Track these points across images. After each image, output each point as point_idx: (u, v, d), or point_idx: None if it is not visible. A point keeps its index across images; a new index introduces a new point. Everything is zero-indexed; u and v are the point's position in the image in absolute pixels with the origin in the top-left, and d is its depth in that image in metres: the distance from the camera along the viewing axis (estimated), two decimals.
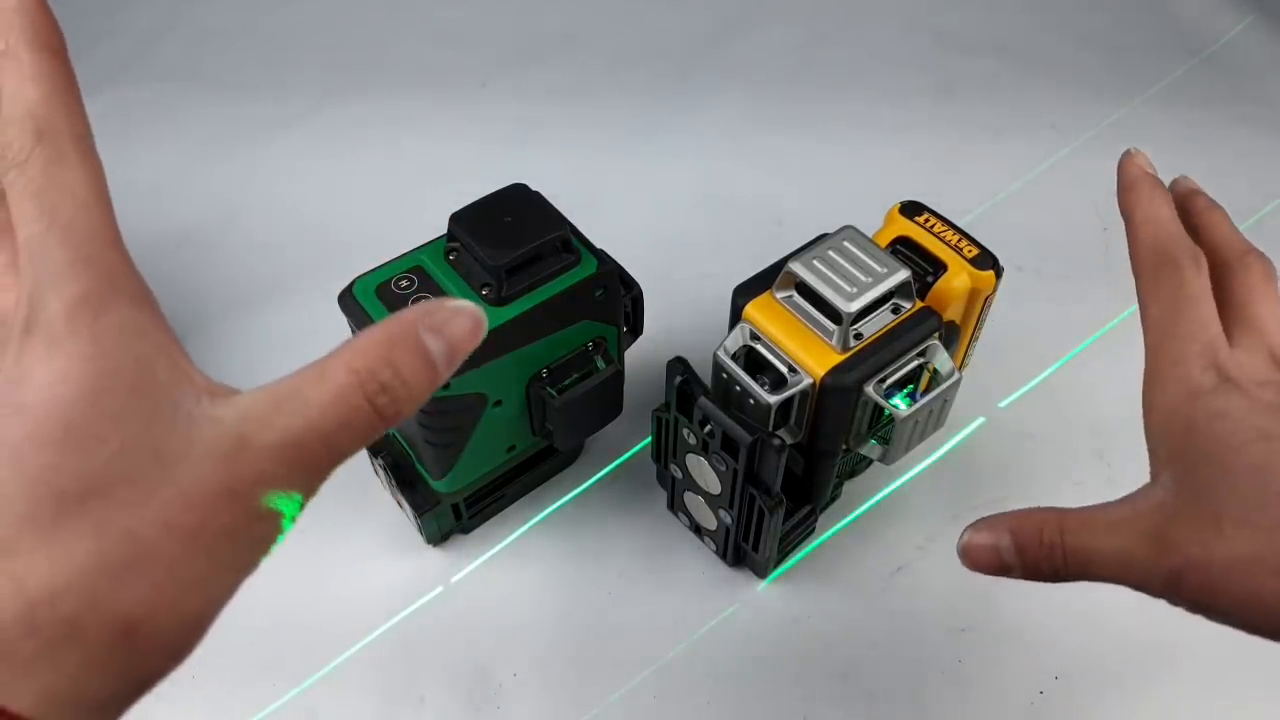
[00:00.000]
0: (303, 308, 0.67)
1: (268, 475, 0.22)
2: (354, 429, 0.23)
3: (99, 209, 0.23)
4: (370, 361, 0.23)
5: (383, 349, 0.23)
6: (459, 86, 0.88)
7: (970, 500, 0.58)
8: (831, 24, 0.95)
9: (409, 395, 0.24)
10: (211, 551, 0.21)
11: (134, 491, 0.20)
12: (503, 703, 0.50)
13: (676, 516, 0.56)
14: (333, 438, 0.23)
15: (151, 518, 0.20)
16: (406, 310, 0.24)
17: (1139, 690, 0.50)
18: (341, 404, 0.23)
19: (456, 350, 0.24)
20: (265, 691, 0.50)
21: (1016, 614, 0.53)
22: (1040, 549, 0.30)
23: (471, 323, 0.25)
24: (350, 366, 0.23)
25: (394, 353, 0.23)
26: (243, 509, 0.22)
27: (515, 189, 0.47)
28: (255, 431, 0.22)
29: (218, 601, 0.22)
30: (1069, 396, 0.62)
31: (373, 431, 0.23)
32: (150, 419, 0.21)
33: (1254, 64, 0.88)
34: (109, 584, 0.20)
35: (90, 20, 0.97)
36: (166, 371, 0.22)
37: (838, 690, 0.50)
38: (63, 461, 0.20)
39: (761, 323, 0.46)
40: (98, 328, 0.21)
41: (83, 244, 0.22)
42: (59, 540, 0.20)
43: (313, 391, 0.23)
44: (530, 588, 0.54)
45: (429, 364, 0.24)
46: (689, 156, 0.81)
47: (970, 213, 0.72)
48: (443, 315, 0.24)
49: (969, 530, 0.30)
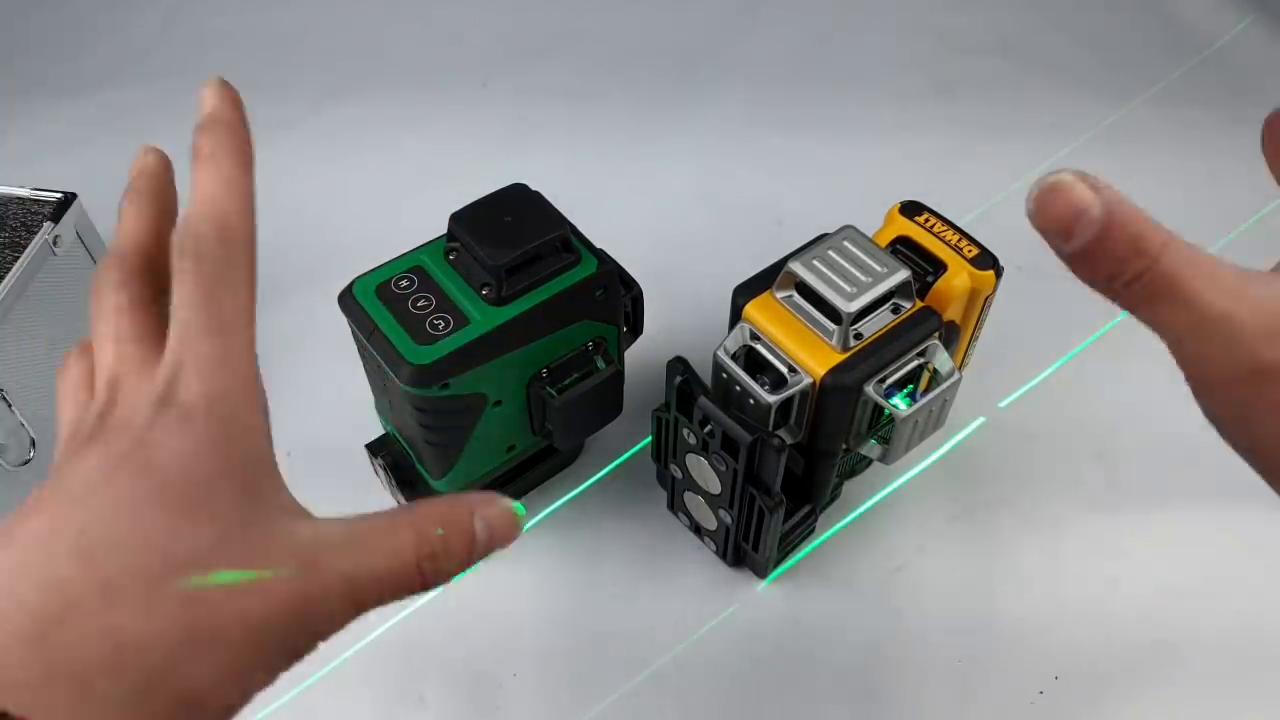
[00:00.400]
0: (303, 308, 0.67)
1: (327, 597, 0.23)
2: (398, 582, 0.25)
3: (249, 318, 0.25)
4: (430, 528, 0.25)
5: (444, 521, 0.25)
6: (459, 86, 0.88)
7: (970, 500, 0.58)
8: (831, 24, 0.95)
9: (447, 568, 0.25)
10: (266, 651, 0.23)
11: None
12: (503, 703, 0.50)
13: (676, 516, 0.56)
14: (381, 584, 0.24)
15: (235, 606, 0.22)
16: (470, 494, 0.27)
17: (1139, 690, 0.50)
18: (397, 558, 0.24)
19: (494, 542, 0.26)
20: (265, 692, 0.50)
21: (1016, 614, 0.53)
22: (1128, 243, 0.24)
23: (515, 523, 0.27)
24: (414, 528, 0.25)
25: (450, 527, 0.25)
26: (301, 621, 0.23)
27: (515, 189, 0.47)
28: (327, 559, 0.23)
29: (247, 698, 0.23)
30: (1069, 396, 0.62)
31: (409, 591, 0.25)
32: (251, 516, 0.23)
33: (1254, 64, 0.88)
34: (187, 654, 0.21)
35: (91, 20, 0.97)
36: (269, 482, 0.24)
37: (838, 690, 0.50)
38: (178, 528, 0.22)
39: (761, 323, 0.46)
40: (230, 424, 0.23)
41: (230, 347, 0.24)
42: (158, 599, 0.21)
43: (380, 540, 0.25)
44: (530, 588, 0.54)
45: (471, 545, 0.26)
46: (689, 156, 0.81)
47: (970, 213, 0.72)
48: (495, 510, 0.26)
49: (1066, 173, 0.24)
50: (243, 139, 0.27)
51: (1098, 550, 0.56)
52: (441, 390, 0.44)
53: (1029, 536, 0.56)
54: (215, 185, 0.26)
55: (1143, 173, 0.80)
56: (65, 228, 0.56)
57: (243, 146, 0.27)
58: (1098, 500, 0.58)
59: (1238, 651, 0.51)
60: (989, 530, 0.57)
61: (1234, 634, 0.52)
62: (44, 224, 0.55)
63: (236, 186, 0.26)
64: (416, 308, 0.44)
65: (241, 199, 0.26)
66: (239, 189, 0.26)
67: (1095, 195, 0.24)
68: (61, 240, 0.56)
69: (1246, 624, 0.52)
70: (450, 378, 0.44)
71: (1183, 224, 0.26)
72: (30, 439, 0.53)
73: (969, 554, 0.56)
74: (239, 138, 0.27)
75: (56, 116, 0.85)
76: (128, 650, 0.20)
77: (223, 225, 0.25)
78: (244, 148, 0.27)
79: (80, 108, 0.86)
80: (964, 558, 0.55)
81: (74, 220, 0.57)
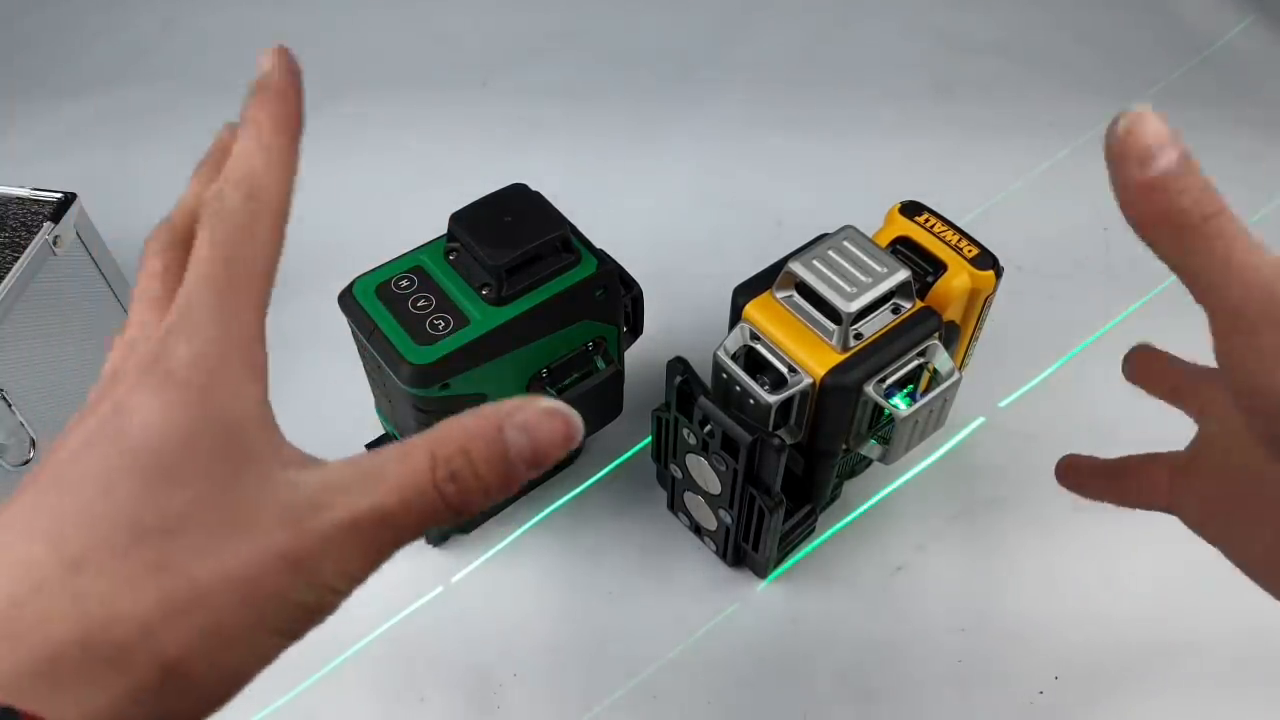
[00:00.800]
0: (303, 308, 0.66)
1: (326, 548, 0.22)
2: (417, 512, 0.23)
3: (262, 282, 0.25)
4: (447, 448, 0.23)
5: (462, 438, 0.23)
6: (459, 86, 0.88)
7: (970, 500, 0.58)
8: (831, 24, 0.95)
9: (480, 487, 0.23)
10: (261, 611, 0.22)
11: (203, 539, 0.21)
12: (503, 703, 0.50)
13: (676, 516, 0.56)
14: (395, 518, 0.23)
15: (213, 567, 0.21)
16: (502, 402, 0.23)
17: (1139, 690, 0.50)
18: (410, 486, 0.23)
19: (542, 453, 0.23)
20: (265, 691, 0.50)
21: (1016, 614, 0.53)
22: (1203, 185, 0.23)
23: (565, 427, 0.23)
24: (429, 450, 0.23)
25: (472, 442, 0.23)
26: (297, 576, 0.22)
27: (515, 189, 0.47)
28: (327, 503, 0.22)
29: (258, 660, 0.22)
30: (1069, 396, 0.62)
31: (435, 518, 0.23)
32: (232, 476, 0.22)
33: (1254, 64, 0.88)
34: (163, 622, 0.20)
35: (91, 20, 0.97)
36: (258, 439, 0.23)
37: (838, 690, 0.50)
38: (147, 495, 0.21)
39: (761, 323, 0.46)
40: (210, 383, 0.23)
41: (232, 307, 0.24)
42: (126, 569, 0.20)
43: (392, 470, 0.23)
44: (530, 588, 0.54)
45: (505, 460, 0.23)
46: (689, 156, 0.81)
47: (970, 213, 0.72)
48: (532, 413, 0.23)
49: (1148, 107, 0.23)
50: (291, 107, 0.27)
51: (1098, 550, 0.56)
52: (441, 390, 0.44)
53: (1029, 536, 0.56)
54: (252, 149, 0.26)
55: None
56: (65, 228, 0.56)
57: (289, 115, 0.27)
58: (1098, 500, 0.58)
59: (1238, 651, 0.51)
60: (989, 530, 0.57)
61: (1234, 634, 0.52)
62: (44, 224, 0.55)
63: (275, 153, 0.26)
64: (416, 308, 0.44)
65: (277, 166, 0.26)
66: (277, 156, 0.26)
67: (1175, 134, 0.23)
68: (61, 240, 0.56)
69: (1246, 624, 0.52)
70: (450, 378, 0.44)
71: None
72: (30, 439, 0.53)
73: (969, 554, 0.56)
74: (287, 106, 0.27)
75: (56, 116, 0.85)
76: (96, 624, 0.20)
77: (250, 187, 0.25)
78: (291, 116, 0.27)
79: (80, 108, 0.86)
80: (964, 558, 0.55)
81: (74, 220, 0.57)
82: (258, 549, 0.21)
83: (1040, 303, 0.68)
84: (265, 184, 0.25)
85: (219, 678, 0.21)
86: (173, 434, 0.22)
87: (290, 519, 0.22)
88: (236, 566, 0.21)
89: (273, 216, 0.25)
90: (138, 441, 0.22)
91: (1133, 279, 0.69)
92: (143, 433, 0.22)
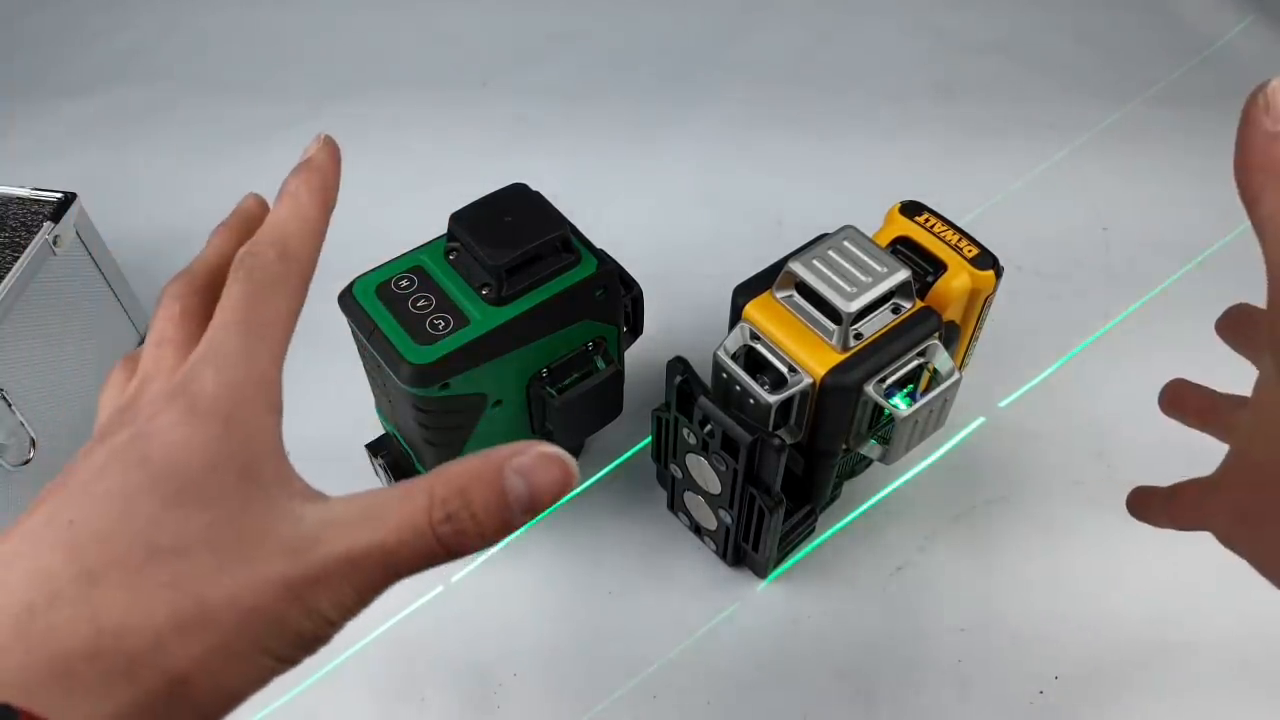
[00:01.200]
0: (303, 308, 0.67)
1: (324, 580, 0.23)
2: (413, 551, 0.23)
3: (285, 332, 0.27)
4: (447, 489, 0.23)
5: (463, 480, 0.24)
6: (459, 86, 0.88)
7: (970, 500, 0.58)
8: (831, 24, 0.95)
9: (477, 531, 0.23)
10: (261, 635, 0.22)
11: (213, 562, 0.22)
12: (503, 703, 0.50)
13: (676, 516, 0.56)
14: (392, 556, 0.23)
15: (221, 589, 0.22)
16: (504, 447, 0.24)
17: (1139, 690, 0.50)
18: (409, 526, 0.23)
19: (539, 498, 0.24)
20: (265, 691, 0.50)
21: (1016, 614, 0.53)
22: None
23: (561, 474, 0.24)
24: (429, 490, 0.24)
25: (472, 485, 0.23)
26: (295, 605, 0.23)
27: (515, 189, 0.47)
28: (328, 537, 0.23)
29: (254, 683, 0.23)
30: (1069, 396, 0.62)
31: (431, 559, 0.24)
32: (244, 504, 0.23)
33: (1254, 64, 0.88)
34: (171, 637, 0.21)
35: (91, 20, 0.97)
36: (271, 471, 0.24)
37: (838, 690, 0.50)
38: (165, 516, 0.22)
39: (761, 322, 0.46)
40: (233, 414, 0.24)
41: (258, 348, 0.25)
42: (140, 585, 0.21)
43: (391, 509, 0.23)
44: (530, 588, 0.54)
45: (504, 505, 0.23)
46: (689, 156, 0.81)
47: (970, 213, 0.72)
48: (531, 458, 0.24)
49: None
50: (330, 185, 0.29)
51: (1098, 550, 0.56)
52: (441, 390, 0.44)
53: (1029, 536, 0.56)
54: (288, 215, 0.28)
55: (1143, 173, 0.80)
56: (65, 228, 0.56)
57: (328, 190, 0.29)
58: (1098, 500, 0.58)
59: (1238, 651, 0.51)
60: (989, 530, 0.57)
61: (1234, 634, 0.52)
62: (44, 224, 0.55)
63: (310, 223, 0.28)
64: (416, 308, 0.44)
65: (310, 234, 0.28)
66: (311, 225, 0.28)
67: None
68: (61, 240, 0.56)
69: (1247, 624, 0.52)
70: (450, 378, 0.44)
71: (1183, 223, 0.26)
72: (30, 439, 0.53)
73: (969, 554, 0.56)
74: (327, 182, 0.29)
75: (56, 116, 0.85)
76: (108, 634, 0.21)
77: (284, 248, 0.27)
78: (328, 192, 0.29)
79: (80, 108, 0.86)
80: (964, 558, 0.55)
81: (74, 220, 0.57)
82: (262, 576, 0.22)
83: (1040, 303, 0.68)
84: (297, 247, 0.27)
85: (219, 695, 0.22)
86: (194, 460, 0.23)
87: (293, 549, 0.23)
88: (242, 590, 0.22)
89: (301, 277, 0.27)
90: (160, 464, 0.23)
91: (1133, 279, 0.69)
92: (165, 455, 0.23)
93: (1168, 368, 0.39)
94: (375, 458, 0.53)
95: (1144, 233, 0.73)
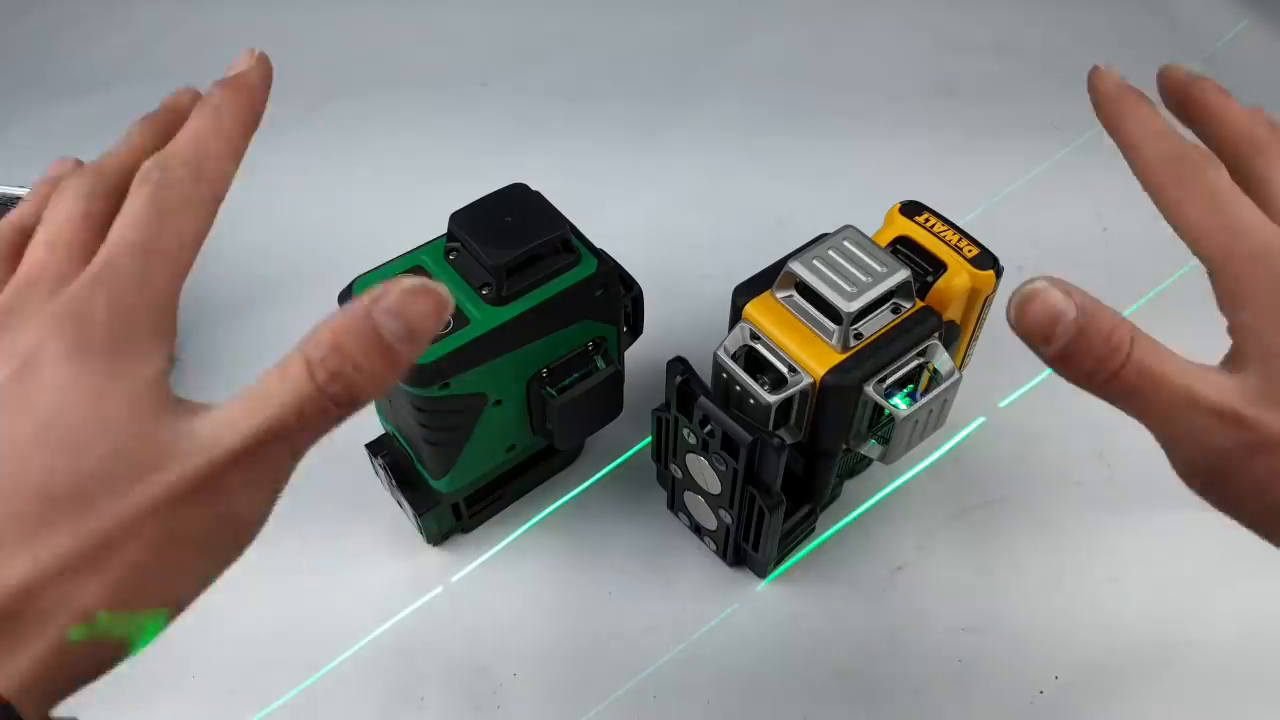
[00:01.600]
0: (303, 308, 0.66)
1: (229, 479, 0.23)
2: (310, 420, 0.23)
3: (188, 257, 0.25)
4: (321, 350, 0.23)
5: (333, 336, 0.23)
6: (459, 86, 0.88)
7: (970, 500, 0.58)
8: (831, 24, 0.95)
9: (368, 380, 0.23)
10: (175, 555, 0.23)
11: (111, 497, 0.22)
12: (503, 703, 0.50)
13: (676, 516, 0.56)
14: (290, 432, 0.23)
15: (123, 522, 0.22)
16: (364, 294, 0.24)
17: (1139, 690, 0.50)
18: (295, 397, 0.23)
19: (418, 331, 0.24)
20: (265, 691, 0.50)
21: (1016, 614, 0.53)
22: (1105, 341, 0.26)
23: (431, 302, 0.24)
24: (305, 357, 0.23)
25: (345, 339, 0.23)
26: (207, 514, 0.23)
27: (515, 189, 0.47)
28: (223, 437, 0.23)
29: (179, 600, 0.23)
30: (1069, 396, 0.62)
31: (331, 419, 0.24)
32: (138, 433, 0.23)
33: (1254, 64, 0.88)
34: (79, 582, 0.21)
35: (90, 20, 0.97)
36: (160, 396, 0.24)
37: (838, 690, 0.50)
38: (58, 465, 0.22)
39: (761, 322, 0.46)
40: (124, 345, 0.23)
41: (154, 275, 0.24)
42: (41, 539, 0.21)
43: (274, 388, 0.23)
44: (530, 588, 0.54)
45: (383, 346, 0.23)
46: (689, 156, 0.81)
47: (970, 213, 0.72)
48: (396, 297, 0.23)
49: (1040, 281, 0.26)
50: (257, 106, 0.28)
51: (1098, 550, 0.56)
52: (441, 390, 0.44)
53: (1029, 536, 0.56)
54: (209, 132, 0.26)
55: None
56: None
57: (252, 109, 0.27)
58: (1098, 500, 0.58)
59: (1238, 651, 0.51)
60: (989, 530, 0.57)
61: (1234, 634, 0.52)
62: None
63: (230, 142, 0.26)
64: None
65: (227, 156, 0.26)
66: (230, 146, 0.26)
67: (1069, 299, 0.26)
68: None
69: (1247, 624, 0.52)
70: (450, 377, 0.44)
71: None
72: None
73: (969, 554, 0.56)
74: (254, 101, 0.27)
75: (56, 116, 0.85)
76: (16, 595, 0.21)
77: (199, 170, 0.25)
78: (253, 111, 0.27)
79: (80, 108, 0.86)
80: (964, 558, 0.55)
81: None
82: (164, 488, 0.22)
83: None
84: (213, 168, 0.26)
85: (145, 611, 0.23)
86: (83, 399, 0.22)
87: (191, 458, 0.23)
88: (145, 517, 0.22)
89: (213, 200, 0.26)
90: (48, 409, 0.22)
91: (1133, 279, 0.69)
92: (53, 400, 0.22)
93: None
94: (375, 458, 0.53)
95: (1144, 233, 0.72)
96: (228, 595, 0.25)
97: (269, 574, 0.53)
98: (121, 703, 0.48)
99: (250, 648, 0.51)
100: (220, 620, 0.51)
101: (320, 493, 0.56)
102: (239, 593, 0.54)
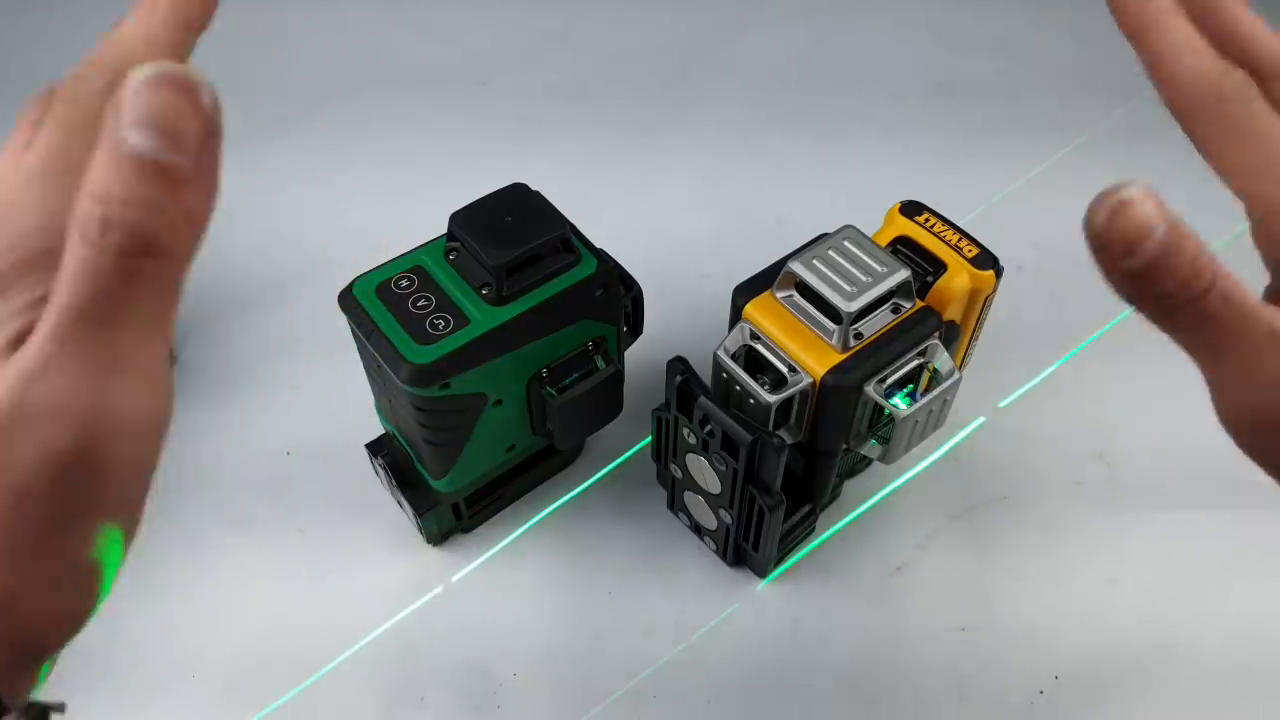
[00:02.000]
0: (303, 308, 0.67)
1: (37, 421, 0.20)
2: (104, 289, 0.19)
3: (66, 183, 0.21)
4: (81, 209, 0.19)
5: (87, 188, 0.19)
6: (459, 86, 0.88)
7: (970, 500, 0.58)
8: (831, 24, 0.95)
9: (148, 211, 0.19)
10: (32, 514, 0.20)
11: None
12: (503, 703, 0.50)
13: (676, 516, 0.56)
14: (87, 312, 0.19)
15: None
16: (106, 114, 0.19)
17: (1139, 690, 0.50)
18: (74, 274, 0.19)
19: (177, 131, 0.19)
20: (265, 691, 0.50)
21: (1016, 614, 0.53)
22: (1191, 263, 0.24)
23: (168, 89, 0.19)
24: (74, 224, 0.19)
25: (97, 185, 0.19)
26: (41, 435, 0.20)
27: (515, 189, 0.47)
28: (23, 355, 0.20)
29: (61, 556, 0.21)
30: (1069, 396, 0.62)
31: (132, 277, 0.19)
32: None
33: None
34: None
35: (90, 20, 0.97)
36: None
37: (837, 690, 0.50)
38: None
39: (761, 322, 0.46)
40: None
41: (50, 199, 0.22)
42: None
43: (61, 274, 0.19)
44: (530, 588, 0.54)
45: (146, 169, 0.19)
46: (689, 156, 0.81)
47: (970, 213, 0.72)
48: (133, 105, 0.19)
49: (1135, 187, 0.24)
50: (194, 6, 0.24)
51: (1098, 550, 0.56)
52: (441, 390, 0.44)
53: (1029, 536, 0.56)
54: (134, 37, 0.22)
55: (1143, 173, 0.79)
56: None
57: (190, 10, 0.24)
58: (1098, 500, 0.58)
59: (1238, 652, 0.51)
60: (989, 530, 0.57)
61: (1234, 634, 0.52)
62: None
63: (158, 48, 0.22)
64: (416, 307, 0.44)
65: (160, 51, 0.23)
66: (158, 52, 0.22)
67: (1161, 212, 0.23)
68: None
69: (1246, 625, 0.52)
70: (450, 378, 0.44)
71: None
72: None
73: (969, 553, 0.56)
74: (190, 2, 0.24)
75: None
76: None
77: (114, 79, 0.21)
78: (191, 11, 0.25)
79: None
80: (964, 557, 0.55)
81: None
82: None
83: (1040, 303, 0.68)
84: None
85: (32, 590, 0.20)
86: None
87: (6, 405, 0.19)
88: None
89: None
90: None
91: None
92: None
93: (1168, 368, 0.39)
94: (375, 458, 0.53)
95: None
96: (228, 595, 0.25)
97: (269, 574, 0.54)
98: (122, 703, 0.48)
99: (250, 648, 0.51)
100: (220, 620, 0.51)
101: (320, 493, 0.56)
102: (239, 593, 0.54)
